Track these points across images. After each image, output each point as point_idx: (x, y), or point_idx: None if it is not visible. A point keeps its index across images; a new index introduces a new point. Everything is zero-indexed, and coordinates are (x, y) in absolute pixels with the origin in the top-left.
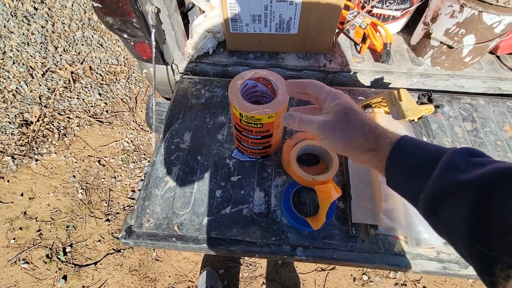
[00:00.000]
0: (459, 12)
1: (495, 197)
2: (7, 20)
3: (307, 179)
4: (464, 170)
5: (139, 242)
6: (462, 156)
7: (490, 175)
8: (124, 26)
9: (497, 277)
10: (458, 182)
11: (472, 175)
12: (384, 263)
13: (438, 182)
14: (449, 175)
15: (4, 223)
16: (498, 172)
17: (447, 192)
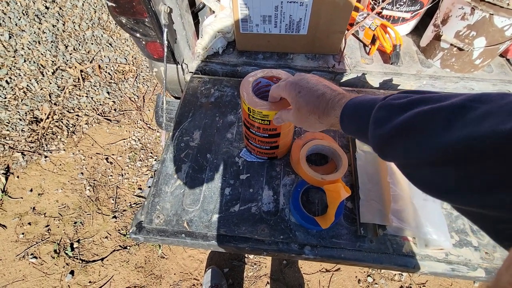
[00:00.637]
0: (470, 14)
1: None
2: (19, 18)
3: (317, 178)
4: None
5: (149, 238)
6: (383, 109)
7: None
8: (137, 26)
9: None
10: (382, 135)
11: (393, 123)
12: (392, 263)
13: (372, 140)
14: (375, 132)
15: (13, 218)
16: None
17: (382, 146)
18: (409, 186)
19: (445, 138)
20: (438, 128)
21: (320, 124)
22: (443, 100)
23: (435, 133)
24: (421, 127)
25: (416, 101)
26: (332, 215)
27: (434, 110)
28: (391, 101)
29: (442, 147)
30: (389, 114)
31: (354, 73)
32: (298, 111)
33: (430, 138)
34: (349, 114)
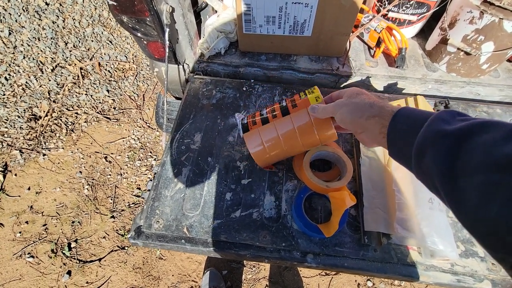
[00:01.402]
0: (478, 18)
1: (464, 142)
2: (19, 14)
3: (321, 186)
4: (448, 123)
5: (148, 243)
6: (450, 113)
7: (467, 126)
8: (138, 25)
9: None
10: (440, 131)
11: (453, 126)
12: (396, 273)
13: (424, 132)
14: (434, 126)
15: (11, 216)
16: (474, 124)
17: (430, 140)
18: (414, 194)
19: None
20: (494, 139)
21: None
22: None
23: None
24: (478, 135)
25: (477, 119)
26: (336, 223)
27: (495, 123)
28: (455, 113)
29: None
30: (452, 120)
31: (358, 76)
32: (354, 96)
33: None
34: (405, 113)
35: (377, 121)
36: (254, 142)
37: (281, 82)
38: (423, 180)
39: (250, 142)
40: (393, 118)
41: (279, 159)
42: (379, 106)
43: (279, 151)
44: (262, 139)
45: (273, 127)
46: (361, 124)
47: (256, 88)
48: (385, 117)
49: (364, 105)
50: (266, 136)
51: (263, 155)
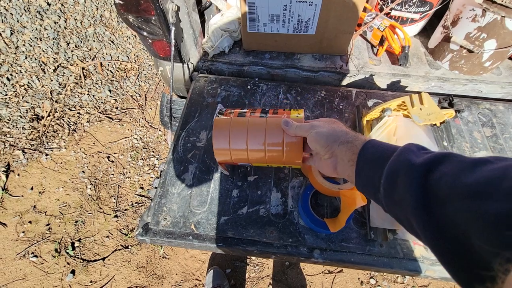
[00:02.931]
0: (481, 16)
1: (431, 173)
2: (21, 15)
3: (333, 189)
4: (415, 154)
5: (156, 240)
6: (416, 145)
7: (430, 158)
8: (144, 24)
9: (496, 271)
10: (410, 161)
11: (420, 158)
12: (402, 268)
13: (395, 161)
14: (405, 156)
15: (14, 216)
16: (437, 156)
17: (401, 170)
18: None
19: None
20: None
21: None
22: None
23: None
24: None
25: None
26: (343, 220)
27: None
28: (419, 148)
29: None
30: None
31: (361, 74)
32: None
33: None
34: (369, 148)
35: (349, 148)
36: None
37: (285, 81)
38: (392, 210)
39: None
40: (363, 147)
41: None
42: (353, 135)
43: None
44: (230, 126)
45: (246, 120)
46: (333, 149)
47: (260, 86)
48: (357, 145)
49: (341, 131)
50: (234, 126)
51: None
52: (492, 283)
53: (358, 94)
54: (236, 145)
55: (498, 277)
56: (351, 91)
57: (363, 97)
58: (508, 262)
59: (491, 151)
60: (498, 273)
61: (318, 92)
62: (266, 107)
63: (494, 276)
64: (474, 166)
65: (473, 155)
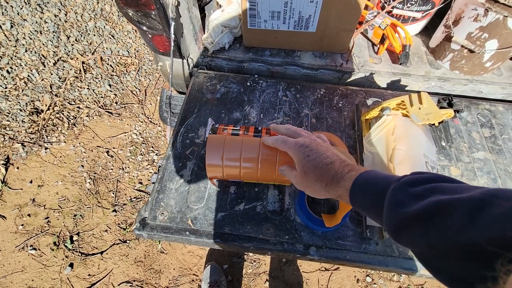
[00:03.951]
0: (483, 16)
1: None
2: (21, 7)
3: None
4: (403, 205)
5: (153, 235)
6: (400, 190)
7: (424, 210)
8: (144, 18)
9: (498, 271)
10: (400, 218)
11: (411, 209)
12: (397, 266)
13: (389, 221)
14: (393, 212)
15: (13, 209)
16: (431, 208)
17: (398, 229)
18: None
19: (470, 235)
20: (460, 222)
21: (325, 193)
22: (459, 192)
23: (458, 227)
24: (441, 219)
25: (431, 189)
26: (339, 218)
27: (454, 202)
28: (406, 186)
29: (467, 243)
30: (406, 199)
31: (362, 72)
32: (304, 175)
33: (453, 232)
34: (360, 189)
35: (339, 196)
36: (216, 141)
37: (285, 78)
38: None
39: (212, 142)
40: (351, 200)
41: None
42: (332, 186)
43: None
44: (225, 144)
45: (240, 139)
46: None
47: (260, 83)
48: (344, 198)
49: (320, 190)
50: (228, 144)
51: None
52: (493, 283)
53: (358, 92)
54: (230, 162)
55: (500, 277)
56: (351, 90)
57: (362, 96)
58: (510, 262)
59: (489, 151)
60: (500, 274)
61: (317, 90)
62: (265, 104)
63: (496, 277)
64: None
65: (471, 156)
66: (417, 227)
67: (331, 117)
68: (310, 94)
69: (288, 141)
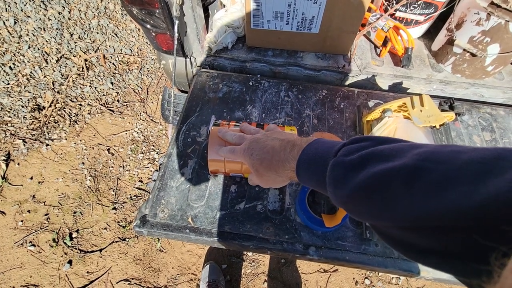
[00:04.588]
0: (485, 20)
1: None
2: (25, 4)
3: None
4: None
5: (153, 232)
6: (340, 165)
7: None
8: (148, 16)
9: (492, 265)
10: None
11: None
12: (396, 268)
13: (334, 199)
14: (336, 192)
15: (13, 205)
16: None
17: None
18: None
19: (409, 208)
20: (399, 195)
21: (281, 179)
22: (393, 156)
23: (397, 200)
24: (380, 192)
25: (367, 157)
26: (339, 218)
27: (388, 173)
28: (343, 158)
29: (408, 217)
30: (344, 173)
31: (364, 74)
32: (257, 173)
33: (393, 205)
34: (304, 169)
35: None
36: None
37: (287, 78)
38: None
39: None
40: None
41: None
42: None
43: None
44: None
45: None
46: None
47: (262, 83)
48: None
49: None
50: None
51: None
52: (488, 277)
53: (360, 94)
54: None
55: (494, 271)
56: (353, 91)
57: (364, 97)
58: (504, 256)
59: None
60: (494, 267)
61: (319, 91)
62: (267, 104)
63: (490, 270)
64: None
65: None
66: (360, 201)
67: (333, 118)
68: (312, 95)
69: (235, 150)
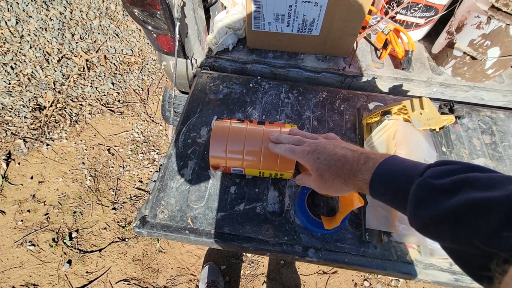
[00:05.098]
0: (486, 23)
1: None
2: (26, 4)
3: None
4: (428, 205)
5: (153, 233)
6: (425, 187)
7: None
8: (149, 18)
9: (493, 271)
10: (425, 221)
11: (439, 208)
12: (395, 270)
13: (413, 220)
14: (417, 213)
15: (13, 204)
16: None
17: (424, 229)
18: None
19: (504, 241)
20: (495, 227)
21: (347, 188)
22: (492, 187)
23: (491, 231)
24: (475, 220)
25: (460, 183)
26: (339, 220)
27: (487, 203)
28: (431, 179)
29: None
30: (432, 195)
31: (364, 76)
32: (321, 177)
33: (486, 234)
34: (381, 183)
35: (356, 185)
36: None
37: (287, 80)
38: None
39: (217, 127)
40: (371, 192)
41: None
42: (352, 180)
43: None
44: (229, 129)
45: (244, 127)
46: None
47: (262, 85)
48: (365, 190)
49: (341, 187)
50: (233, 129)
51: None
52: (489, 283)
53: (360, 96)
54: (233, 146)
55: (495, 277)
56: (353, 93)
57: (364, 100)
58: (505, 263)
59: (489, 158)
60: (495, 274)
61: (320, 92)
62: (268, 105)
63: (491, 277)
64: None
65: (472, 162)
66: (445, 227)
67: (333, 120)
68: (312, 96)
69: (296, 150)
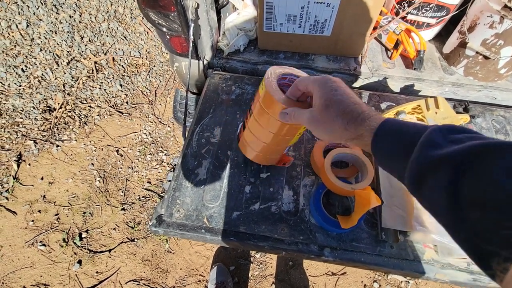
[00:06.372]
0: (498, 23)
1: (463, 175)
2: (37, 7)
3: (347, 189)
4: (439, 147)
5: (169, 231)
6: (440, 132)
7: (462, 152)
8: (164, 19)
9: (494, 270)
10: (432, 160)
11: (445, 151)
12: (412, 270)
13: (417, 162)
14: (425, 153)
15: (24, 205)
16: (471, 149)
17: (425, 172)
18: None
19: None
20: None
21: (343, 132)
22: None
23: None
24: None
25: (471, 138)
26: (355, 219)
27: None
28: (446, 131)
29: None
30: (443, 142)
31: (375, 76)
32: (325, 108)
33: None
34: (387, 132)
35: (357, 143)
36: (245, 148)
37: None
38: (418, 198)
39: (243, 150)
40: (373, 141)
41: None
42: (355, 127)
43: (262, 146)
44: (249, 145)
45: (247, 129)
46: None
47: None
48: (365, 139)
49: (337, 127)
50: (248, 139)
51: (258, 157)
52: (490, 281)
53: (372, 96)
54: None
55: (497, 275)
56: (365, 94)
57: (376, 100)
58: (506, 261)
59: None
60: (497, 272)
61: None
62: None
63: (493, 275)
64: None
65: None
66: (447, 172)
67: None
68: None
69: (310, 76)
